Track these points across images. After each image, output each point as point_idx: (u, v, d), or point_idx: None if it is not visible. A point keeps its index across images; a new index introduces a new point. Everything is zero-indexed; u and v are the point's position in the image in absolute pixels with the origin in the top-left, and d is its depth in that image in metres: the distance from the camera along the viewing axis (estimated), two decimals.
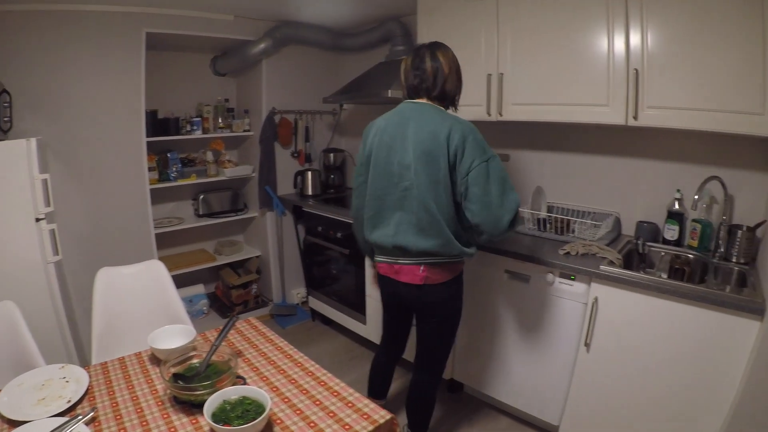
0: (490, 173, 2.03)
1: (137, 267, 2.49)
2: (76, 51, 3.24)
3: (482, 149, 2.04)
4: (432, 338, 2.42)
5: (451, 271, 2.25)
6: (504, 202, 2.04)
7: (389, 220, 2.22)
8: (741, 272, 2.43)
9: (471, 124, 2.10)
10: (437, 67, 2.15)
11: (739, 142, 2.53)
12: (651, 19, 2.35)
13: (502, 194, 2.04)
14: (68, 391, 1.65)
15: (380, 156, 2.21)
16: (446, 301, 2.32)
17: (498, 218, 2.04)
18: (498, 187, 2.03)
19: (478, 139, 2.06)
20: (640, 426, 2.40)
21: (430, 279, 2.21)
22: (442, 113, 2.14)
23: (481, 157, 2.02)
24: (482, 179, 2.01)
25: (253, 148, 4.47)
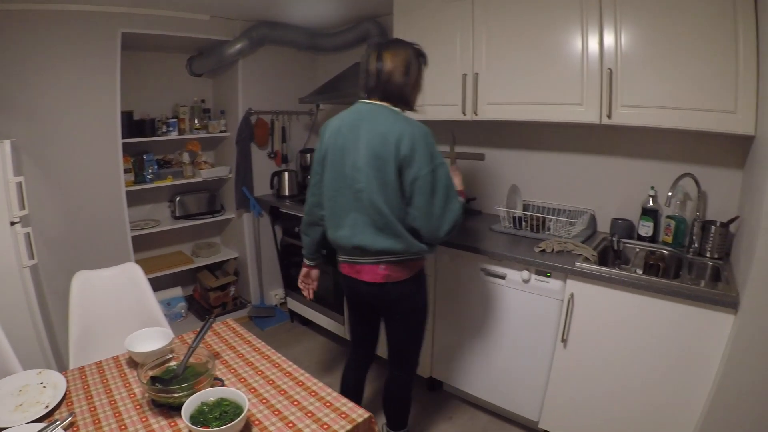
0: (436, 183, 2.03)
1: (114, 270, 2.47)
2: (50, 51, 3.19)
3: (430, 157, 2.02)
4: (400, 336, 2.42)
5: (411, 268, 2.25)
6: (445, 213, 2.07)
7: (345, 220, 2.20)
8: (715, 267, 2.48)
9: (424, 129, 2.06)
10: (380, 68, 2.11)
11: (712, 140, 2.59)
12: (625, 20, 2.40)
13: (444, 205, 2.06)
14: (46, 396, 1.64)
15: (335, 157, 2.18)
16: (409, 298, 2.32)
17: (437, 228, 2.08)
18: (441, 198, 2.05)
19: (428, 145, 2.03)
20: (618, 419, 2.45)
21: (391, 277, 2.21)
22: (395, 115, 2.10)
23: (428, 166, 2.01)
24: (427, 189, 2.02)
25: (230, 149, 4.45)
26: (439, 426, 3.02)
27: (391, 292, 2.26)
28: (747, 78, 2.11)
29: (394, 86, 2.12)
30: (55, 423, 1.46)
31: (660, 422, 2.31)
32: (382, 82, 2.12)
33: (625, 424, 2.43)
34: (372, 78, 2.14)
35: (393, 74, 2.10)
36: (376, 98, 2.17)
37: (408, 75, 2.13)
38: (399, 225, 2.10)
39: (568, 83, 2.64)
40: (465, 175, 3.69)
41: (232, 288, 4.60)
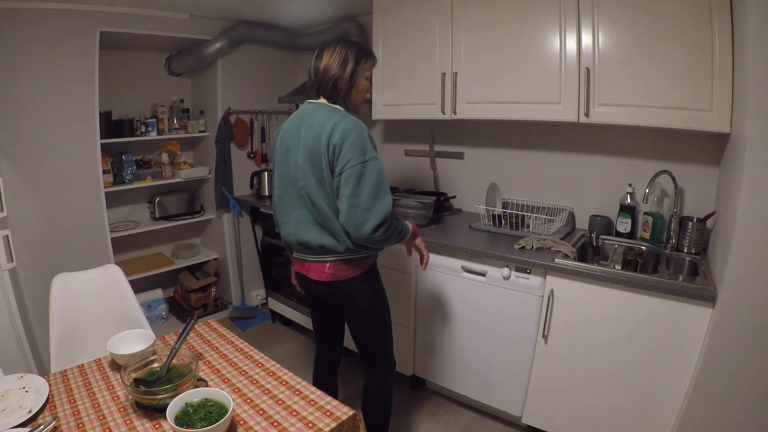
0: (365, 175, 1.98)
1: (94, 272, 2.44)
2: (27, 50, 3.14)
3: (362, 150, 1.99)
4: (362, 334, 2.40)
5: (359, 266, 2.22)
6: (373, 206, 1.98)
7: (290, 217, 2.22)
8: (692, 262, 2.54)
9: (359, 124, 2.04)
10: (318, 66, 2.16)
11: (689, 138, 2.64)
12: (602, 20, 2.44)
13: (373, 198, 1.98)
14: (28, 401, 1.62)
15: (281, 158, 2.22)
16: (359, 297, 2.27)
17: (362, 222, 1.98)
18: (370, 191, 1.98)
19: (361, 139, 2.00)
20: (600, 413, 2.48)
21: (336, 276, 2.18)
22: (332, 112, 2.09)
23: (358, 158, 1.97)
24: (353, 180, 1.97)
25: (209, 149, 4.43)
26: (422, 423, 3.03)
27: (340, 291, 2.24)
28: (722, 77, 2.15)
29: (328, 81, 2.14)
30: (38, 428, 1.45)
31: (641, 414, 2.35)
32: (318, 78, 2.16)
33: (607, 417, 2.47)
34: (311, 77, 2.20)
35: (328, 70, 2.13)
36: (319, 97, 2.20)
37: (343, 69, 2.13)
38: (337, 223, 2.08)
39: (546, 82, 2.67)
40: (445, 174, 3.74)
41: (213, 289, 4.57)
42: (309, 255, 2.23)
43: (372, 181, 1.98)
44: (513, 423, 2.95)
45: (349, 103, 2.22)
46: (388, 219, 2.03)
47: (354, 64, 2.16)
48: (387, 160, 4.16)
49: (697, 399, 2.09)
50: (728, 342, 1.96)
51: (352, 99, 2.22)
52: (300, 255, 2.28)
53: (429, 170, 3.87)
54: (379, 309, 2.37)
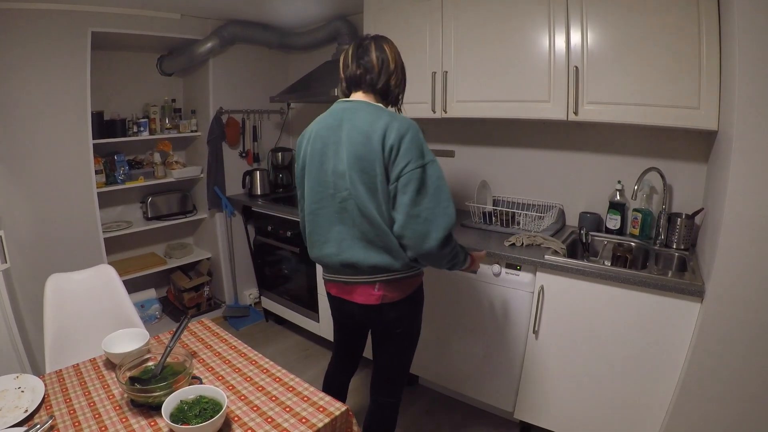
0: (426, 180, 1.77)
1: (88, 272, 2.45)
2: (18, 51, 3.14)
3: (419, 151, 1.78)
4: (392, 360, 2.19)
5: (408, 286, 2.02)
6: (436, 216, 1.78)
7: (329, 235, 1.97)
8: (681, 257, 2.57)
9: (412, 123, 1.82)
10: (384, 58, 1.92)
11: (677, 135, 2.67)
12: (591, 18, 2.46)
13: (435, 207, 1.77)
14: (24, 400, 1.63)
15: (313, 165, 1.96)
16: (405, 320, 2.09)
17: (425, 234, 1.78)
18: (432, 198, 1.78)
19: (417, 140, 1.79)
20: (591, 407, 2.51)
21: (387, 297, 1.97)
22: (379, 111, 1.87)
23: (417, 161, 1.76)
24: (413, 186, 1.75)
25: (201, 148, 4.43)
26: (416, 420, 3.05)
27: (387, 315, 2.02)
28: (710, 75, 2.17)
29: (396, 80, 1.97)
30: (35, 427, 1.46)
31: (632, 408, 2.38)
32: (384, 74, 1.93)
33: (598, 412, 2.50)
34: (373, 68, 1.92)
35: (396, 68, 1.95)
36: (361, 92, 1.97)
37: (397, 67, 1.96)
38: (392, 236, 1.85)
39: (536, 81, 2.69)
40: None
41: (206, 288, 4.58)
42: (355, 276, 1.99)
43: (433, 187, 1.78)
44: (505, 418, 2.98)
45: (397, 102, 2.06)
46: (452, 232, 1.85)
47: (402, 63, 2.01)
48: None
49: (686, 392, 2.12)
50: (716, 336, 2.00)
51: (401, 100, 2.08)
52: (340, 277, 2.05)
53: None
54: (415, 337, 2.21)
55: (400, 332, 2.11)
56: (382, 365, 2.22)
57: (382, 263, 1.90)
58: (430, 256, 1.84)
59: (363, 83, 1.94)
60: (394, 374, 2.22)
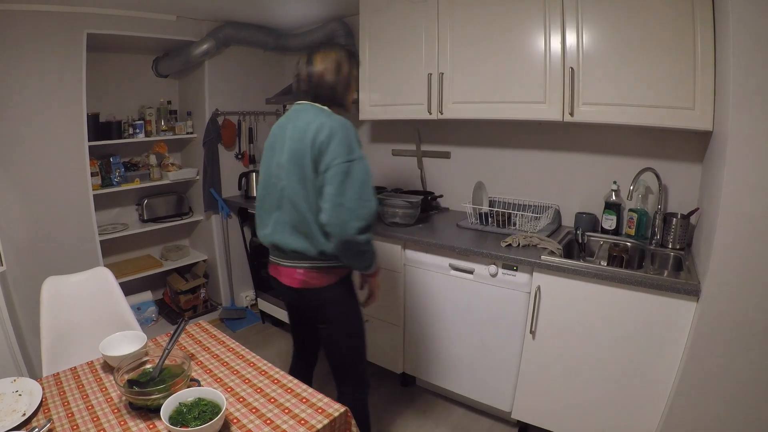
0: (352, 174, 1.93)
1: (84, 275, 2.45)
2: (14, 52, 3.13)
3: (348, 149, 1.95)
4: (332, 347, 2.31)
5: (333, 274, 2.16)
6: (358, 206, 1.93)
7: (269, 219, 2.19)
8: (677, 257, 2.58)
9: (345, 123, 2.01)
10: (311, 71, 2.13)
11: (672, 136, 2.69)
12: (586, 20, 2.47)
13: (358, 198, 1.93)
14: (22, 404, 1.63)
15: (265, 159, 2.24)
16: (329, 307, 2.21)
17: (346, 221, 1.92)
18: (356, 191, 1.93)
19: (347, 138, 1.96)
20: (588, 407, 2.52)
21: (308, 283, 2.14)
22: (318, 112, 2.07)
23: (345, 157, 1.93)
24: (339, 178, 1.92)
25: (197, 150, 4.43)
26: (413, 421, 3.06)
27: (309, 299, 2.20)
28: (705, 75, 2.19)
29: (324, 87, 2.14)
30: (33, 430, 1.46)
31: (629, 407, 2.39)
32: (313, 84, 2.14)
33: (595, 411, 2.50)
34: (303, 81, 2.17)
35: (324, 75, 2.12)
36: (308, 99, 2.18)
37: (339, 74, 2.14)
38: (315, 225, 2.03)
39: (532, 82, 2.70)
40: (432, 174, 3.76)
41: (202, 291, 4.57)
42: (282, 259, 2.19)
43: (358, 181, 1.94)
44: (503, 418, 2.99)
45: (347, 106, 2.25)
46: (373, 224, 1.99)
47: (348, 68, 2.18)
48: (374, 160, 4.17)
49: (682, 391, 2.13)
50: (712, 335, 2.00)
51: (347, 101, 2.24)
52: (273, 258, 2.26)
53: (416, 170, 3.90)
54: (349, 326, 2.29)
55: (328, 318, 2.24)
56: (327, 353, 2.35)
57: (300, 248, 2.10)
58: (350, 244, 1.98)
59: (301, 94, 2.21)
60: (337, 363, 2.34)
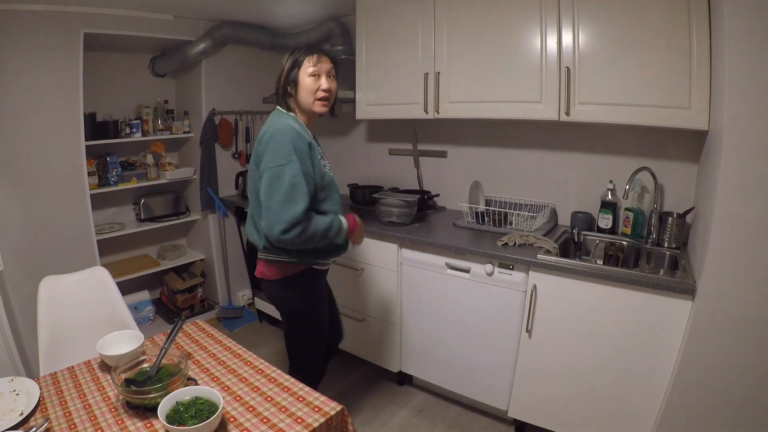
0: (280, 178, 2.00)
1: (81, 274, 2.45)
2: (10, 52, 3.12)
3: (280, 154, 2.01)
4: (286, 337, 2.49)
5: (280, 271, 2.25)
6: (282, 211, 1.99)
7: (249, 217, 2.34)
8: (672, 256, 2.60)
9: (286, 128, 2.05)
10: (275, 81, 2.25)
11: (668, 135, 2.70)
12: (582, 19, 2.49)
13: (284, 203, 1.99)
14: (19, 404, 1.63)
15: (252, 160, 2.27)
16: (279, 300, 2.36)
17: (272, 225, 2.01)
18: (282, 195, 1.99)
19: (282, 144, 2.02)
20: (584, 405, 2.53)
21: (264, 274, 2.30)
22: (276, 116, 2.20)
23: (276, 161, 2.01)
24: (267, 182, 2.02)
25: (194, 149, 4.43)
26: (410, 419, 3.06)
27: (267, 291, 2.37)
28: (700, 75, 2.20)
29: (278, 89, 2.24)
30: (30, 430, 1.46)
31: (625, 405, 2.40)
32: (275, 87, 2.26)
33: (591, 409, 2.51)
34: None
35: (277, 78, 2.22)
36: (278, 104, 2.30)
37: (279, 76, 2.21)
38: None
39: (528, 82, 2.71)
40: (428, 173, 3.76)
41: (199, 290, 4.58)
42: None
43: (285, 186, 1.99)
44: (499, 417, 3.00)
45: (301, 106, 2.21)
46: (300, 224, 2.01)
47: (291, 63, 2.18)
48: (370, 160, 4.20)
49: (678, 389, 2.14)
50: (707, 333, 2.01)
51: (301, 101, 2.20)
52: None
53: (413, 169, 3.91)
54: (297, 321, 2.40)
55: (280, 310, 2.42)
56: (284, 337, 2.52)
57: (253, 241, 2.31)
58: (279, 242, 2.06)
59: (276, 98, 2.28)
60: (292, 351, 2.49)
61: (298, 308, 2.36)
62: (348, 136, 4.38)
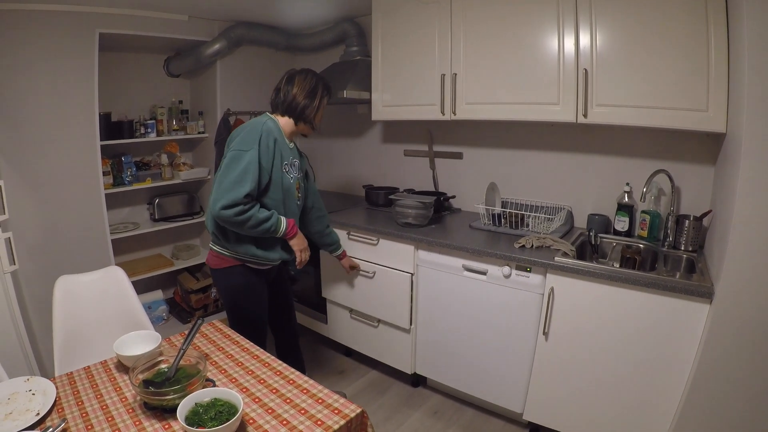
0: (239, 160, 2.26)
1: (97, 274, 2.44)
2: (27, 52, 3.14)
3: (245, 141, 2.30)
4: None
5: (219, 261, 2.53)
6: (230, 189, 2.22)
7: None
8: (689, 259, 2.56)
9: (259, 123, 2.39)
10: (289, 90, 2.50)
11: (685, 137, 2.67)
12: (600, 21, 2.46)
13: (234, 183, 2.23)
14: (36, 403, 1.62)
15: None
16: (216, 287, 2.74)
17: (216, 199, 2.25)
18: (235, 176, 2.24)
19: (250, 133, 2.32)
20: (600, 409, 2.50)
21: (208, 261, 2.60)
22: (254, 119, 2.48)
23: (240, 146, 2.29)
24: (227, 162, 2.28)
25: (208, 150, 4.42)
26: (424, 421, 3.04)
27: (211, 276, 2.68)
28: (718, 77, 2.17)
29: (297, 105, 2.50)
30: (47, 430, 1.46)
31: (641, 409, 2.37)
32: (288, 100, 2.50)
33: (607, 412, 2.48)
34: (281, 97, 2.52)
35: (297, 96, 2.49)
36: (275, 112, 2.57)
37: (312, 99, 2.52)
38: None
39: (545, 83, 2.69)
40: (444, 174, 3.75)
41: (212, 290, 4.56)
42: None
43: (240, 168, 2.25)
44: (514, 420, 2.98)
45: (298, 125, 2.57)
46: (240, 204, 2.24)
47: (321, 96, 2.54)
48: (386, 161, 4.19)
49: (695, 394, 2.11)
50: (725, 337, 1.99)
51: (303, 124, 2.57)
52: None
53: (428, 170, 3.89)
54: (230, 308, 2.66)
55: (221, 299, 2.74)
56: None
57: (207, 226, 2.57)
58: (218, 218, 2.29)
59: (284, 108, 2.53)
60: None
61: (227, 299, 2.63)
62: (363, 137, 4.38)
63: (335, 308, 3.66)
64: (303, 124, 2.57)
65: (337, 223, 3.35)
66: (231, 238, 2.45)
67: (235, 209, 2.23)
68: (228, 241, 2.46)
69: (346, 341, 3.67)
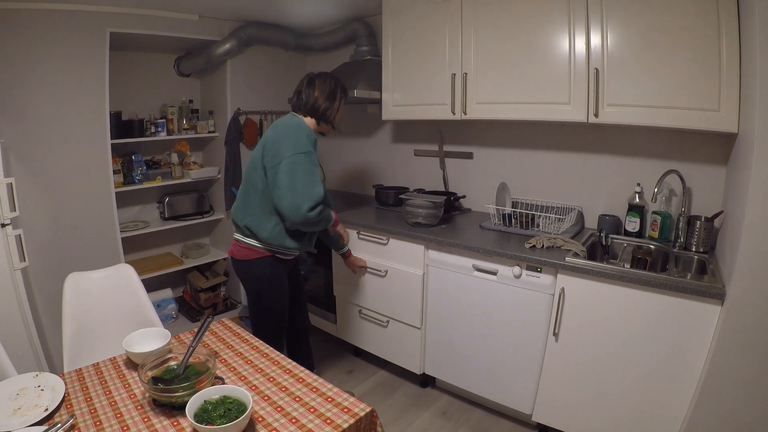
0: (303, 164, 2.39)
1: (107, 271, 2.45)
2: (38, 51, 3.16)
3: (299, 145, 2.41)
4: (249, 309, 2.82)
5: (248, 253, 2.62)
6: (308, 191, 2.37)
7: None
8: (701, 260, 2.54)
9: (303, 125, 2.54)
10: (311, 93, 2.62)
11: (696, 138, 2.64)
12: (611, 21, 2.45)
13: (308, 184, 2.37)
14: (44, 399, 1.62)
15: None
16: (242, 279, 2.74)
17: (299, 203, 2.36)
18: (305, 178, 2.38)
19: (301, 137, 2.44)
20: (610, 410, 2.47)
21: (234, 254, 2.69)
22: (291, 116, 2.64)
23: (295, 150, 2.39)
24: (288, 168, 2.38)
25: (219, 149, 4.43)
26: (432, 422, 3.03)
27: (234, 268, 2.75)
28: (730, 77, 2.15)
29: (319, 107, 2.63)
30: (55, 425, 1.45)
31: (651, 411, 2.34)
32: (311, 102, 2.63)
33: (617, 415, 2.46)
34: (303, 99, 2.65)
35: (319, 98, 2.62)
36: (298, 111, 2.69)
37: (332, 102, 2.66)
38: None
39: (556, 83, 2.68)
40: (454, 174, 3.73)
41: (222, 289, 4.58)
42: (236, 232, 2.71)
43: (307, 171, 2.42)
44: (523, 421, 2.96)
45: (335, 125, 2.75)
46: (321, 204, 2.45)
47: (339, 98, 2.69)
48: (396, 161, 4.19)
49: (706, 396, 2.09)
50: (737, 339, 1.96)
51: (324, 123, 2.70)
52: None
53: (438, 170, 3.88)
54: (256, 300, 2.74)
55: (246, 291, 2.79)
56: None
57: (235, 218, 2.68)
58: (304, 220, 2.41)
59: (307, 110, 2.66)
60: (253, 327, 2.78)
61: (256, 289, 2.71)
62: (373, 137, 4.37)
63: (345, 307, 3.65)
64: (324, 124, 2.69)
65: (347, 223, 3.34)
66: (267, 231, 2.55)
67: (317, 210, 2.40)
68: (262, 233, 2.55)
69: (355, 341, 3.67)
